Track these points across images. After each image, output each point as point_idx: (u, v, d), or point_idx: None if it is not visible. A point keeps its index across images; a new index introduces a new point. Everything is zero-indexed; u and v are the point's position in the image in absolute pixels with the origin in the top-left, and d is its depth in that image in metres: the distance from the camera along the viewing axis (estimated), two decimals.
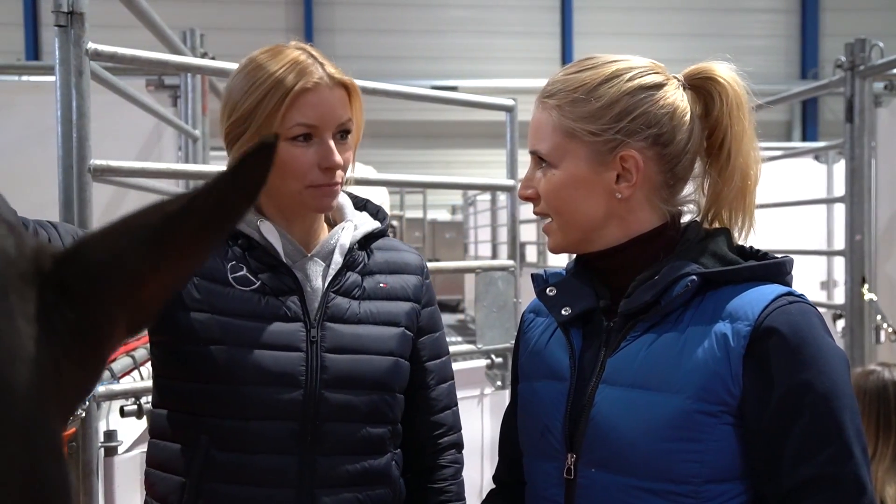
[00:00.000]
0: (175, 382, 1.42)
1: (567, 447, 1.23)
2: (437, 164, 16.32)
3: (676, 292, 1.17)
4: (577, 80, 1.24)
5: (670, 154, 1.23)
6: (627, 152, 1.21)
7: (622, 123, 1.21)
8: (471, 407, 2.68)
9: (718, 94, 1.25)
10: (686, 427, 1.12)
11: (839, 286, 4.87)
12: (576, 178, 1.23)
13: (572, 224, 1.26)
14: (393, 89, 2.62)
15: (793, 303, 1.14)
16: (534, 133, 1.27)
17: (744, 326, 1.12)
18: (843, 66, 3.59)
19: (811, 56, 17.22)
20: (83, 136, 1.84)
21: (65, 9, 1.81)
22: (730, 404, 1.12)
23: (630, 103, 1.21)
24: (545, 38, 17.06)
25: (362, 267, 1.50)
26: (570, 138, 1.22)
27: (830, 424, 1.09)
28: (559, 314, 1.28)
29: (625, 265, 1.25)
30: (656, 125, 1.22)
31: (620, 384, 1.18)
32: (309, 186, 1.41)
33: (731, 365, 1.11)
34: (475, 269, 2.79)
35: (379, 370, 1.44)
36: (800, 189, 5.17)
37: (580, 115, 1.22)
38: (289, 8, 16.51)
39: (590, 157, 1.22)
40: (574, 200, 1.24)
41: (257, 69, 1.39)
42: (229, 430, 1.37)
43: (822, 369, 1.10)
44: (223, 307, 1.39)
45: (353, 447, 1.42)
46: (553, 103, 1.25)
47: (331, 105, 1.41)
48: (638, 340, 1.20)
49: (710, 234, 1.25)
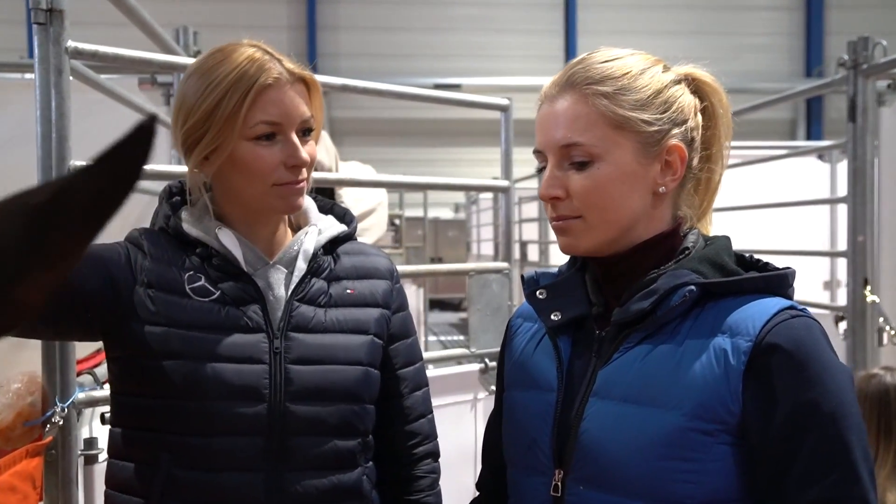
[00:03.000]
0: (132, 399, 1.36)
1: (555, 462, 1.17)
2: (442, 162, 16.29)
3: (674, 302, 1.11)
4: (619, 67, 1.17)
5: (693, 149, 1.20)
6: (676, 143, 1.17)
7: (668, 114, 1.16)
8: (464, 412, 2.64)
9: (710, 97, 1.22)
10: (681, 446, 1.06)
11: (843, 287, 4.82)
12: (624, 172, 1.15)
13: (612, 222, 1.17)
14: (385, 88, 2.57)
15: (796, 317, 1.09)
16: (569, 125, 1.16)
17: (744, 342, 1.07)
18: (846, 65, 3.54)
19: (816, 54, 17.15)
20: (63, 136, 1.79)
21: (43, 6, 1.76)
22: (728, 423, 1.06)
23: (669, 94, 1.17)
24: (549, 36, 17.03)
25: (328, 273, 1.45)
26: (618, 129, 1.15)
27: (838, 446, 1.03)
28: (548, 319, 1.22)
29: (626, 271, 1.20)
30: (688, 119, 1.19)
31: (612, 398, 1.12)
32: (275, 185, 1.35)
33: (730, 382, 1.06)
34: (468, 272, 2.75)
35: (347, 381, 1.39)
36: (803, 189, 5.12)
37: (633, 102, 1.15)
38: (291, 5, 16.49)
39: (637, 149, 1.16)
40: (620, 195, 1.16)
41: (212, 69, 1.33)
42: (191, 448, 1.31)
43: (828, 387, 1.05)
44: (181, 319, 1.33)
45: (322, 462, 1.37)
46: (598, 90, 1.15)
47: (293, 101, 1.35)
48: (632, 352, 1.14)
49: (712, 242, 1.20)
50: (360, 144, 15.61)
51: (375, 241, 5.71)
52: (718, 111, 1.23)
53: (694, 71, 1.23)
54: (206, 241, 1.38)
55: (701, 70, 1.24)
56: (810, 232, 5.39)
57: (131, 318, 1.32)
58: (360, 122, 16.42)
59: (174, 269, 1.37)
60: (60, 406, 1.78)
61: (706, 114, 1.22)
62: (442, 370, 2.79)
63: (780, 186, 4.85)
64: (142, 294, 1.33)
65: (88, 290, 1.30)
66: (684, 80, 1.22)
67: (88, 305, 1.30)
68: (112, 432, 1.41)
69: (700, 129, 1.21)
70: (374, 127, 16.52)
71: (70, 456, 1.82)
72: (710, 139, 1.23)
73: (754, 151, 5.28)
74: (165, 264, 1.36)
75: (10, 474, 1.58)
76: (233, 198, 1.41)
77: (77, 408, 1.85)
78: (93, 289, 1.30)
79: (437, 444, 1.59)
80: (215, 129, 1.32)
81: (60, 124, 1.79)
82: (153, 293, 1.34)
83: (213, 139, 1.33)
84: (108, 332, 1.35)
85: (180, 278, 1.36)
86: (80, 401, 1.85)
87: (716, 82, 1.24)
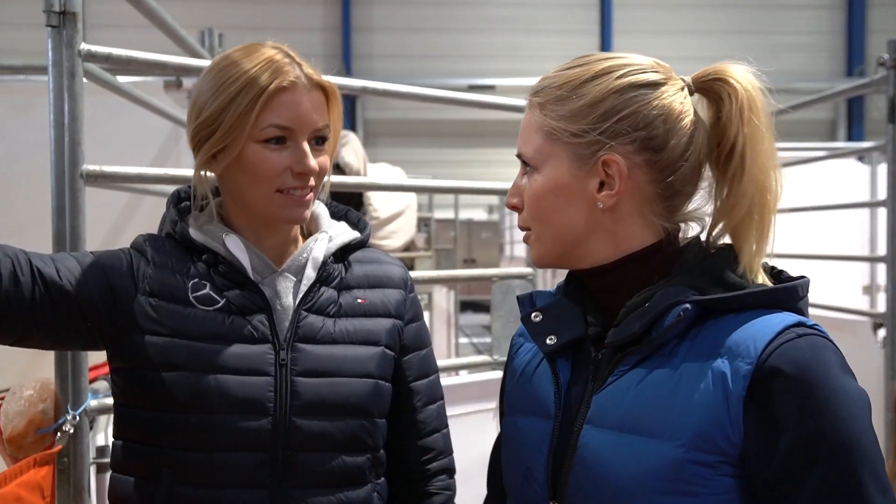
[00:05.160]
0: (134, 411, 1.32)
1: (550, 494, 1.11)
2: (474, 163, 16.24)
3: (668, 323, 1.03)
4: (564, 76, 1.13)
5: (663, 161, 1.09)
6: (610, 156, 1.08)
7: (606, 124, 1.08)
8: (486, 421, 2.58)
9: (728, 94, 1.10)
10: (680, 479, 0.99)
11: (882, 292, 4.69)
12: (556, 184, 1.11)
13: (552, 235, 1.14)
14: (408, 91, 2.53)
15: (802, 336, 1.00)
16: (520, 135, 1.17)
17: (744, 364, 0.98)
18: (887, 64, 3.43)
19: (857, 53, 16.83)
20: (75, 141, 1.77)
21: (56, 8, 1.73)
22: (729, 454, 0.98)
23: (617, 102, 1.08)
24: (584, 36, 16.89)
25: (338, 281, 1.40)
26: (551, 140, 1.11)
27: (848, 480, 0.94)
28: (543, 343, 1.16)
29: (616, 286, 1.12)
30: (646, 127, 1.08)
31: (607, 426, 1.05)
32: (278, 191, 1.31)
33: (730, 409, 0.98)
34: (491, 278, 2.69)
35: (356, 394, 1.34)
36: (842, 191, 4.99)
37: (562, 114, 1.11)
38: (326, 7, 16.54)
39: (571, 161, 1.10)
40: (555, 209, 1.12)
41: (228, 67, 1.30)
42: (193, 463, 1.27)
43: (837, 415, 0.96)
44: (183, 329, 1.29)
45: (328, 479, 1.32)
46: (537, 101, 1.14)
47: (307, 107, 1.31)
48: (626, 376, 1.07)
49: (713, 255, 1.11)
50: (392, 145, 15.62)
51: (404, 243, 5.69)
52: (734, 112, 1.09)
53: (711, 68, 1.12)
54: (212, 248, 1.35)
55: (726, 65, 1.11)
56: (849, 235, 5.25)
57: (132, 328, 1.29)
58: (392, 124, 16.42)
59: (178, 276, 1.33)
60: (72, 413, 1.76)
61: (721, 116, 1.11)
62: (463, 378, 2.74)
63: (818, 189, 4.73)
64: (143, 302, 1.30)
65: (86, 298, 1.27)
66: (685, 84, 1.12)
67: (87, 314, 1.28)
68: (114, 445, 1.38)
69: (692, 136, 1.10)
70: (406, 128, 16.51)
71: (82, 464, 1.80)
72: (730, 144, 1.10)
73: (792, 153, 5.16)
74: (169, 271, 1.33)
75: (17, 484, 1.55)
76: (239, 202, 1.37)
77: (89, 415, 1.83)
78: (91, 297, 1.27)
79: (453, 460, 1.53)
80: (225, 127, 1.29)
81: (73, 128, 1.77)
82: (155, 302, 1.30)
83: (222, 137, 1.29)
84: (109, 342, 1.32)
85: (184, 286, 1.32)
86: (92, 408, 1.83)
87: (739, 76, 1.10)
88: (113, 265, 1.32)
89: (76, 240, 1.76)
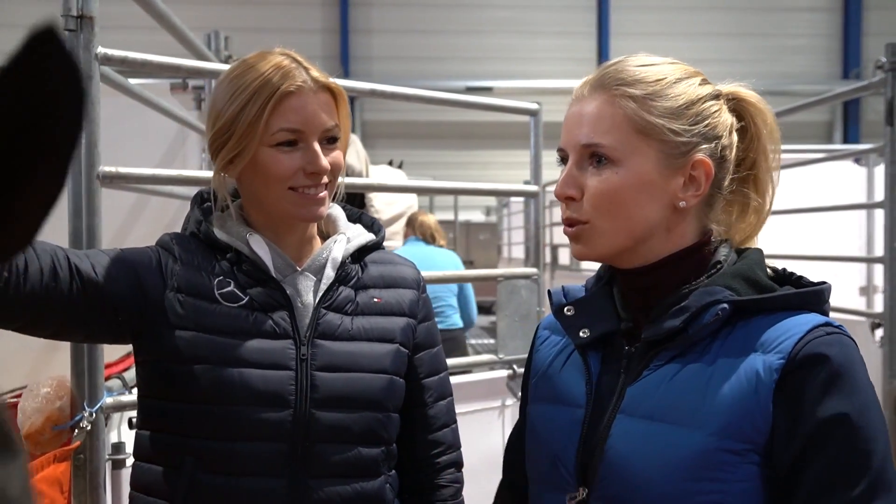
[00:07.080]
0: (159, 402, 1.37)
1: (579, 480, 1.14)
2: (473, 165, 16.30)
3: (706, 320, 1.08)
4: (654, 73, 1.14)
5: (724, 168, 1.16)
6: (703, 157, 1.13)
7: (698, 127, 1.13)
8: (492, 418, 2.62)
9: (753, 119, 1.18)
10: (708, 466, 1.03)
11: (880, 293, 4.73)
12: (641, 179, 1.12)
13: (625, 230, 1.13)
14: (412, 93, 2.57)
15: (831, 334, 1.05)
16: (593, 125, 1.13)
17: (776, 359, 1.03)
18: (884, 67, 3.47)
19: (854, 55, 16.91)
20: (92, 142, 1.80)
21: (74, 12, 1.77)
22: (756, 442, 1.03)
23: (703, 108, 1.14)
24: (582, 39, 16.96)
25: (355, 281, 1.45)
26: (643, 134, 1.12)
27: (862, 458, 1.00)
28: (577, 336, 1.20)
29: (654, 284, 1.16)
30: (721, 136, 1.14)
31: (640, 415, 1.10)
32: (291, 189, 1.36)
33: (760, 399, 1.03)
34: (497, 277, 2.73)
35: (372, 389, 1.39)
36: (839, 193, 5.03)
37: (662, 110, 1.12)
38: (325, 9, 16.57)
39: (660, 159, 1.12)
40: (636, 204, 1.12)
41: (240, 76, 1.36)
42: (215, 452, 1.32)
43: (856, 405, 1.01)
44: (209, 324, 1.34)
45: (345, 469, 1.37)
46: (628, 93, 1.12)
47: (315, 109, 1.35)
48: (661, 370, 1.11)
49: (744, 257, 1.17)
50: (391, 147, 15.65)
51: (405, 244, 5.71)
52: (762, 131, 1.18)
53: (738, 90, 1.19)
54: (236, 247, 1.40)
55: (747, 90, 1.19)
56: (847, 237, 5.30)
57: (160, 322, 1.34)
58: (391, 125, 16.46)
59: (204, 273, 1.38)
60: (89, 410, 1.79)
61: (746, 135, 1.19)
62: (469, 377, 2.77)
63: (816, 190, 4.77)
64: (171, 298, 1.35)
65: (118, 292, 1.32)
66: (725, 97, 1.18)
67: (118, 308, 1.32)
68: (138, 435, 1.42)
69: (734, 149, 1.17)
70: (405, 130, 16.55)
71: (98, 460, 1.83)
72: (751, 162, 1.19)
73: (790, 155, 5.19)
74: (195, 269, 1.38)
75: (37, 479, 1.59)
76: (256, 204, 1.42)
77: (105, 412, 1.86)
78: (122, 292, 1.32)
79: (461, 455, 1.58)
80: (238, 133, 1.34)
81: (89, 130, 1.80)
82: (183, 297, 1.35)
83: (236, 144, 1.34)
84: (137, 336, 1.37)
85: (210, 283, 1.37)
86: (108, 405, 1.86)
87: (762, 103, 1.19)
88: (143, 262, 1.37)
89: (92, 240, 1.79)
